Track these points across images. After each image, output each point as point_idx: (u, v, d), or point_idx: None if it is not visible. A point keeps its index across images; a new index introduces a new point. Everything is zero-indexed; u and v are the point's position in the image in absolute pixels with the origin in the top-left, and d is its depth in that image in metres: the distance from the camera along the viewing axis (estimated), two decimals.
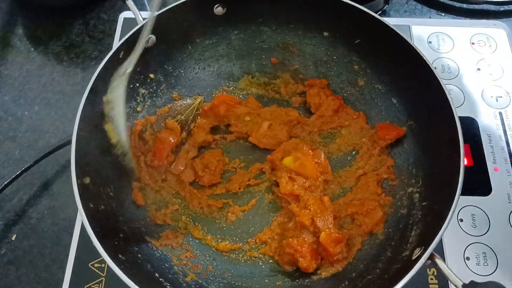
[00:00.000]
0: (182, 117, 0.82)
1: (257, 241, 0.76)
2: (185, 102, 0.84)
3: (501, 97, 0.90)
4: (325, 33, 0.81)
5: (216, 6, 0.80)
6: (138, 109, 0.80)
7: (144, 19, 0.74)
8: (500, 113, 0.87)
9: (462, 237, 0.76)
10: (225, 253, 0.74)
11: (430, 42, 0.96)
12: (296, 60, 0.86)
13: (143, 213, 0.75)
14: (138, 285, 0.55)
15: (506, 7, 1.02)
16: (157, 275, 0.66)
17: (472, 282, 0.52)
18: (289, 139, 0.82)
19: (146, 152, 0.78)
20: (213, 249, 0.75)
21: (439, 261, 0.56)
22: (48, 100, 0.94)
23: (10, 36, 1.02)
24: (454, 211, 0.58)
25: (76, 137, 0.65)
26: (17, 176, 0.80)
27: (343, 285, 0.67)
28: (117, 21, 1.00)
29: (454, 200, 0.58)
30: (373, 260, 0.69)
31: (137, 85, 0.79)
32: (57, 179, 0.84)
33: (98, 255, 0.69)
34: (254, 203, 0.79)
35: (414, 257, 0.58)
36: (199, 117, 0.84)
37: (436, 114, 0.68)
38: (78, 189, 0.61)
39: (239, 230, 0.77)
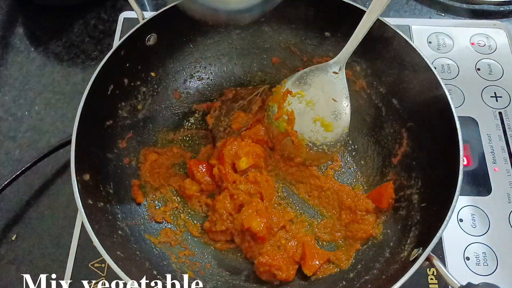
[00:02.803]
0: (245, 103, 0.83)
1: None
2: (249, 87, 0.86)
3: (501, 97, 0.89)
4: (326, 33, 0.81)
5: None
6: (139, 107, 0.80)
7: (144, 18, 0.74)
8: (500, 113, 0.87)
9: (462, 237, 0.76)
10: (223, 252, 0.74)
11: (430, 42, 0.96)
12: (297, 60, 0.86)
13: (142, 210, 0.75)
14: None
15: (506, 7, 1.02)
16: (155, 272, 0.66)
17: (469, 284, 0.52)
18: None
19: None
20: (212, 247, 0.75)
21: (436, 263, 0.56)
22: (48, 100, 0.94)
23: (10, 36, 1.02)
24: (453, 212, 0.58)
25: (76, 136, 0.65)
26: (17, 176, 0.80)
27: (340, 285, 0.67)
28: (117, 21, 1.00)
29: (453, 201, 0.58)
30: (371, 260, 0.69)
31: (138, 83, 0.79)
32: (57, 179, 0.84)
33: (98, 255, 0.70)
34: None
35: (412, 258, 0.59)
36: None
37: (436, 114, 0.68)
38: (78, 185, 0.61)
39: None
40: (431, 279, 0.72)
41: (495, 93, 0.90)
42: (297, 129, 0.78)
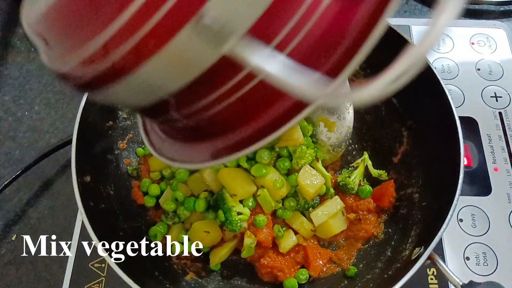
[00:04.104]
0: None
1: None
2: None
3: (501, 97, 0.90)
4: None
5: None
6: None
7: None
8: (500, 113, 0.87)
9: (462, 237, 0.76)
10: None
11: None
12: None
13: (143, 211, 0.75)
14: (138, 284, 0.55)
15: (506, 7, 1.02)
16: (156, 273, 0.66)
17: (471, 282, 0.52)
18: None
19: None
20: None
21: (438, 261, 0.56)
22: (48, 100, 0.94)
23: (10, 36, 1.02)
24: (453, 211, 0.58)
25: (76, 137, 0.65)
26: (17, 176, 0.80)
27: (342, 284, 0.67)
28: None
29: (454, 201, 0.58)
30: (373, 259, 0.69)
31: None
32: (57, 179, 0.84)
33: (98, 255, 0.70)
34: None
35: (413, 257, 0.59)
36: None
37: (436, 114, 0.68)
38: (79, 187, 0.61)
39: None
40: (431, 279, 0.72)
41: (495, 93, 0.90)
42: None
